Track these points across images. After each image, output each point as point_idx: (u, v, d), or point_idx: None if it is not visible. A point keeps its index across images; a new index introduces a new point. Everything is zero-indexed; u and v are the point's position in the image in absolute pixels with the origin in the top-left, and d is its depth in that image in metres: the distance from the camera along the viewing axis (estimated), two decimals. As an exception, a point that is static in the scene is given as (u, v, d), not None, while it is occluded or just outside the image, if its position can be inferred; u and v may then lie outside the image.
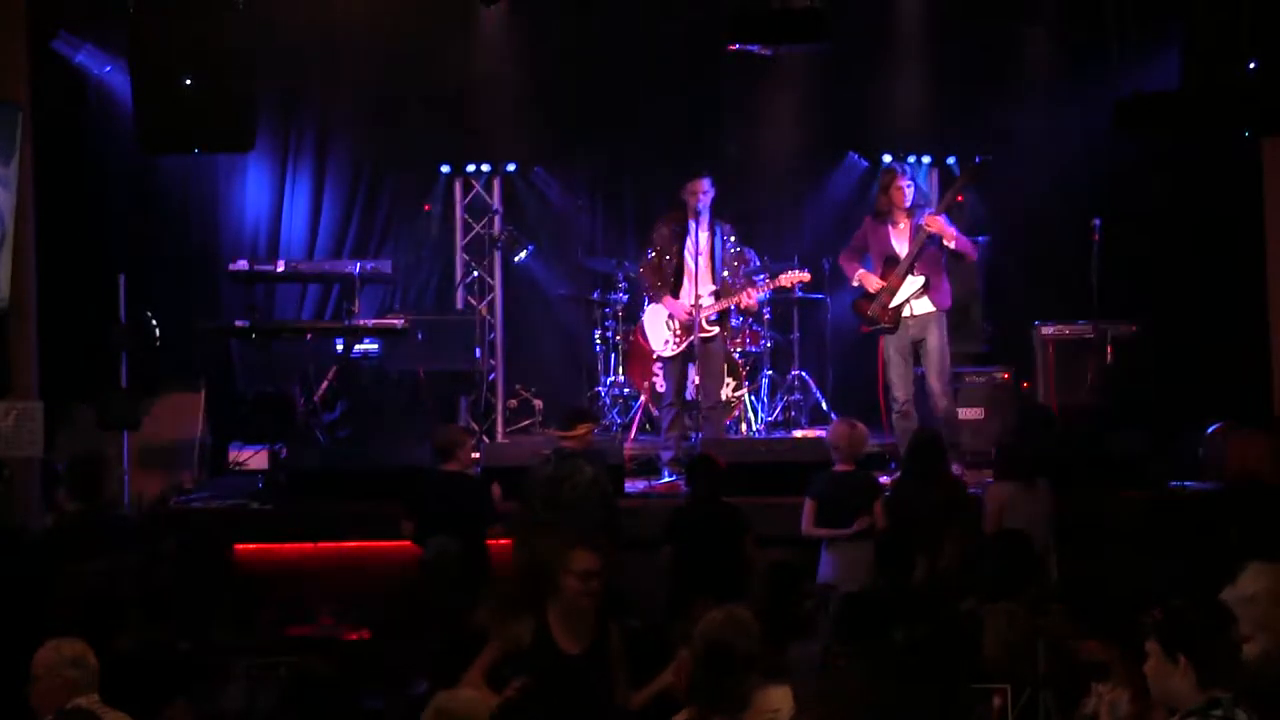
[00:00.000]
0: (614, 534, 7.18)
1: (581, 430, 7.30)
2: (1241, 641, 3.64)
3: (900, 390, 8.73)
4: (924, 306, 8.71)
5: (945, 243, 8.61)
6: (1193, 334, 9.78)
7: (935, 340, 8.73)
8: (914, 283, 8.66)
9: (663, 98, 10.72)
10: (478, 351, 10.28)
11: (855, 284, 8.89)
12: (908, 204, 8.73)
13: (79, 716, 4.32)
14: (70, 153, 9.37)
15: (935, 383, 8.75)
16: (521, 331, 11.20)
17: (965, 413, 9.34)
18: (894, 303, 8.69)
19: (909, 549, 6.19)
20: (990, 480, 7.50)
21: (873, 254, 8.83)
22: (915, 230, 8.68)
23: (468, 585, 6.41)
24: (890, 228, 8.77)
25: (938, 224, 8.59)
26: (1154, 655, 3.65)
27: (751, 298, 9.08)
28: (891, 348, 8.79)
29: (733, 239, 8.99)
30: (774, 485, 8.26)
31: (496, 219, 10.94)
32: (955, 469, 8.01)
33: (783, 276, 9.13)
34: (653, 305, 9.15)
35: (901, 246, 8.72)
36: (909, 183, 8.80)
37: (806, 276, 9.31)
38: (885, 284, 8.68)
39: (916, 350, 8.78)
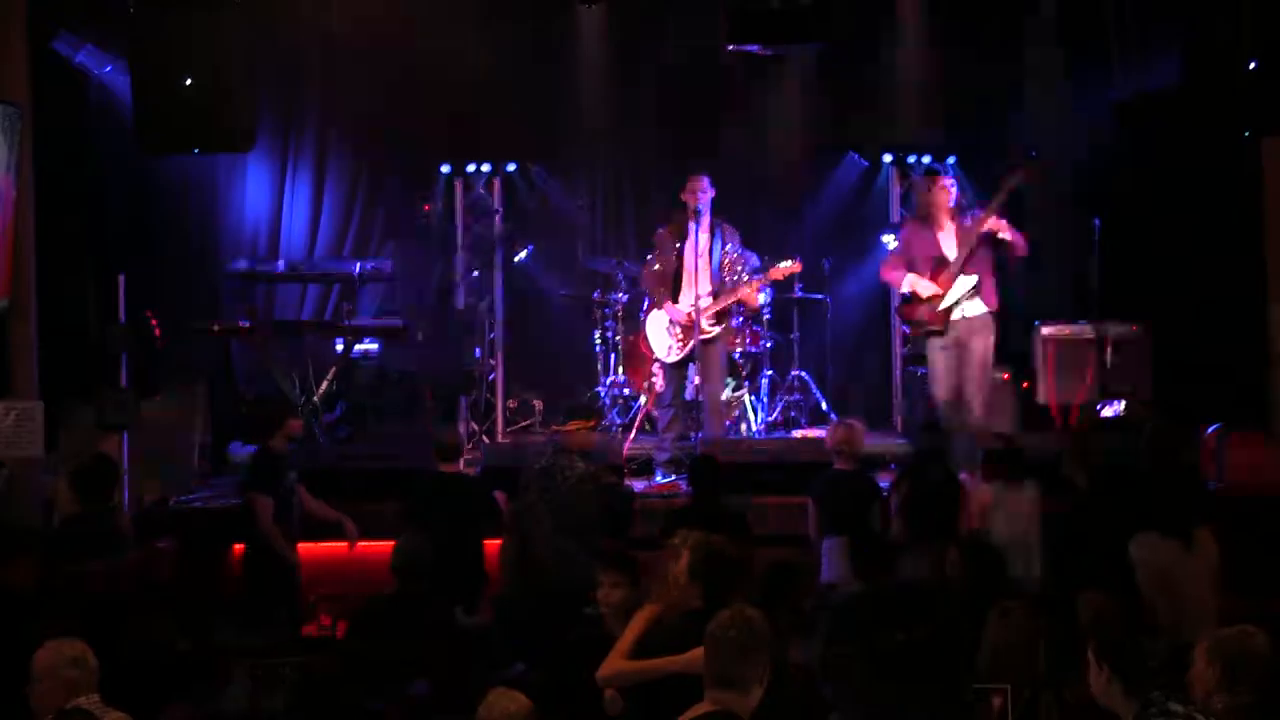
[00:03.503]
0: (619, 527, 7.23)
1: (573, 426, 7.31)
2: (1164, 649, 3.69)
3: (941, 392, 8.63)
4: (975, 308, 8.54)
5: (1001, 235, 8.47)
6: (1193, 334, 9.77)
7: (981, 348, 8.52)
8: (965, 283, 8.47)
9: (663, 98, 10.72)
10: (478, 351, 10.27)
11: (905, 290, 8.68)
12: (952, 205, 8.64)
13: (79, 717, 4.32)
14: (70, 153, 9.37)
15: (974, 393, 8.61)
16: (521, 331, 11.20)
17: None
18: (944, 305, 8.57)
19: (887, 551, 6.20)
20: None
21: (919, 258, 8.61)
22: (962, 231, 8.57)
23: (447, 585, 6.41)
24: (936, 230, 8.65)
25: (993, 220, 8.44)
26: (1090, 662, 3.73)
27: (754, 295, 9.05)
28: (937, 349, 8.68)
29: (735, 243, 8.95)
30: (774, 485, 8.27)
31: (496, 219, 10.94)
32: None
33: (774, 270, 9.12)
34: (654, 312, 9.13)
35: (950, 248, 8.57)
36: (952, 182, 8.69)
37: (797, 266, 9.28)
38: (937, 287, 8.58)
39: (959, 352, 8.67)
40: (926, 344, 8.77)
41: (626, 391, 10.11)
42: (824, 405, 10.19)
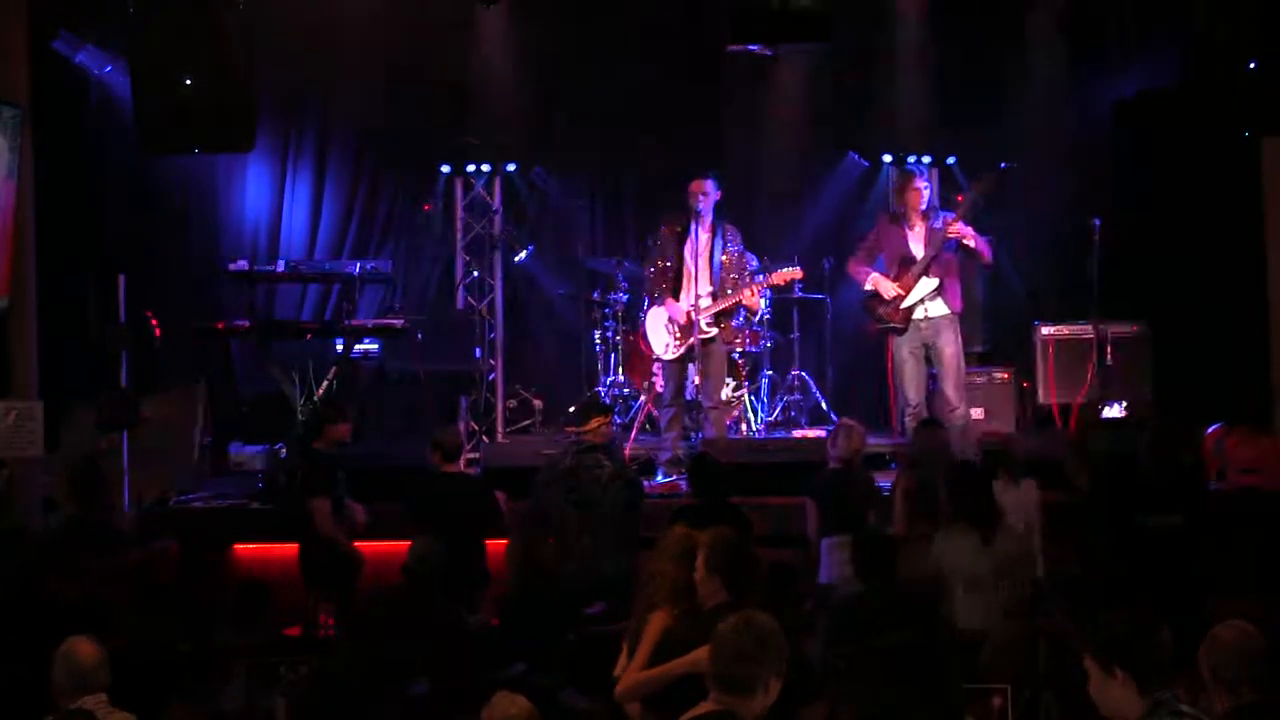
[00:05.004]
0: (635, 517, 7.26)
1: (596, 423, 7.36)
2: (1169, 644, 3.64)
3: (913, 393, 8.70)
4: (938, 309, 8.66)
5: (965, 242, 8.58)
6: (1193, 334, 9.77)
7: (949, 347, 8.65)
8: (928, 284, 8.60)
9: (663, 97, 10.72)
10: (478, 351, 10.27)
11: (868, 288, 8.82)
12: (924, 206, 8.71)
13: (78, 717, 4.32)
14: (70, 153, 9.37)
15: (951, 391, 8.65)
16: (521, 331, 11.20)
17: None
18: (906, 304, 8.65)
19: (889, 551, 6.19)
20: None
21: (886, 255, 8.76)
22: (930, 233, 8.63)
23: (455, 587, 6.42)
24: (906, 229, 8.73)
25: (957, 228, 8.55)
26: (1093, 672, 3.64)
27: (755, 296, 9.05)
28: (904, 349, 8.74)
29: (737, 243, 8.94)
30: (774, 485, 8.27)
31: (496, 219, 10.94)
32: None
33: (775, 274, 9.12)
34: (654, 309, 9.14)
35: (917, 248, 8.65)
36: (926, 184, 8.80)
37: (798, 273, 9.30)
38: (899, 287, 8.63)
39: (927, 352, 8.74)
40: (894, 344, 8.83)
41: (626, 391, 10.11)
42: (824, 405, 10.19)
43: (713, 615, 4.51)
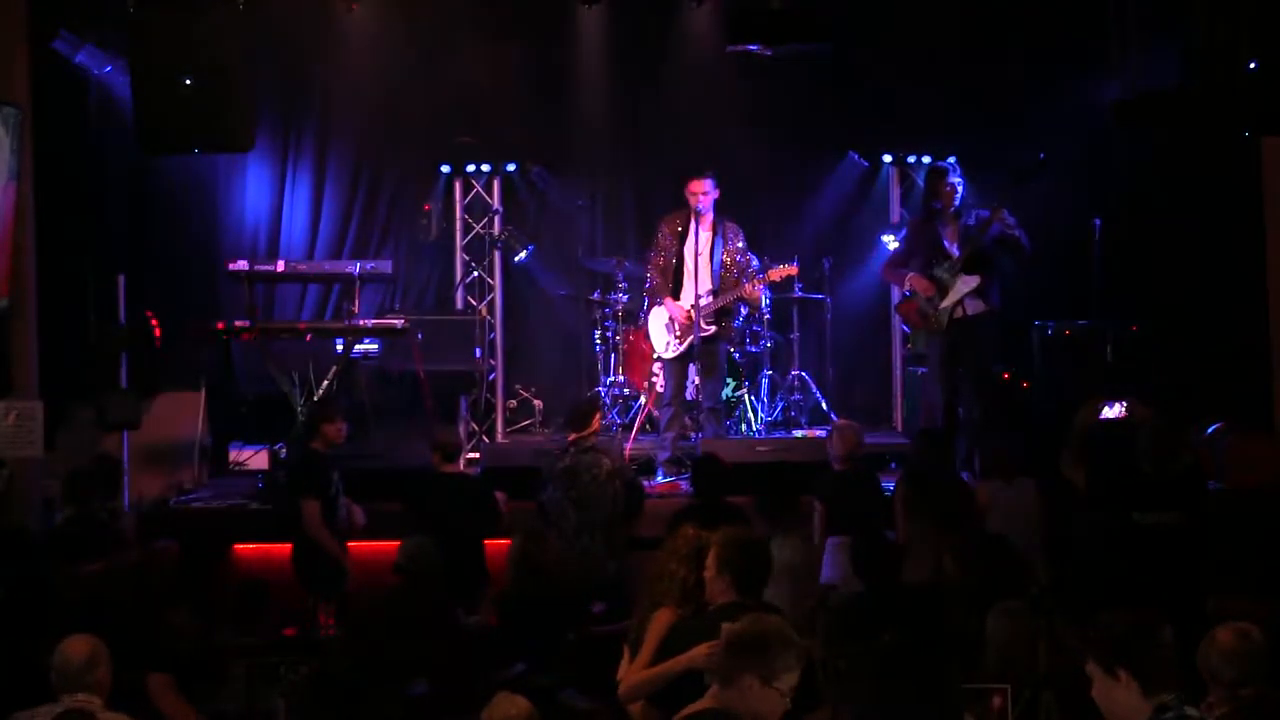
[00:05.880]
0: (634, 516, 7.27)
1: (596, 423, 7.42)
2: (1172, 644, 3.61)
3: (937, 395, 8.61)
4: (976, 307, 8.56)
5: (1007, 231, 8.43)
6: (1193, 334, 9.77)
7: (981, 345, 8.55)
8: (968, 282, 8.53)
9: (663, 97, 10.72)
10: (478, 351, 10.27)
11: (906, 289, 8.69)
12: (956, 204, 8.62)
13: (77, 717, 4.32)
14: (70, 153, 9.36)
15: (971, 391, 8.61)
16: (521, 331, 11.21)
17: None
18: (945, 304, 8.55)
19: (888, 552, 6.19)
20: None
21: (921, 256, 8.64)
22: (964, 230, 8.55)
23: (455, 587, 6.42)
24: (940, 228, 8.63)
25: (1001, 214, 8.41)
26: (1096, 676, 3.60)
27: (755, 289, 9.03)
28: (939, 350, 8.66)
29: (739, 241, 8.92)
30: (774, 485, 8.27)
31: (496, 219, 10.95)
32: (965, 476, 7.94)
33: (772, 271, 9.11)
34: (655, 308, 9.14)
35: (952, 247, 8.58)
36: (959, 179, 8.66)
37: (793, 270, 9.28)
38: (937, 287, 8.57)
39: (960, 351, 8.66)
40: (927, 342, 8.77)
41: (626, 391, 10.11)
42: (824, 405, 10.19)
43: (718, 614, 4.51)
